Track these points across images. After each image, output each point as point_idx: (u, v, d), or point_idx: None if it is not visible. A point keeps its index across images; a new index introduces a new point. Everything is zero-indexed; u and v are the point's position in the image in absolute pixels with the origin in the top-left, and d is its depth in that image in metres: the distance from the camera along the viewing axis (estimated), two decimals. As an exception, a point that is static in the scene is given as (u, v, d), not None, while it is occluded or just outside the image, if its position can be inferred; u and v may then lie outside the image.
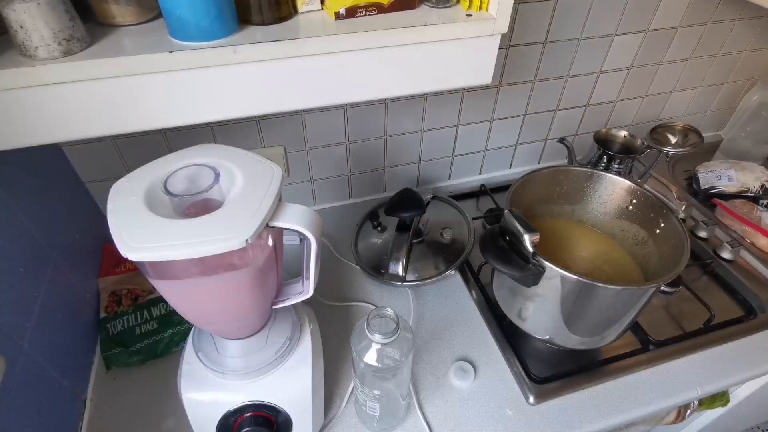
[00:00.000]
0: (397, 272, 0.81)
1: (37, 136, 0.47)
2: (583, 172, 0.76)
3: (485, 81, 0.59)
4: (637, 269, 0.72)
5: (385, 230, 0.90)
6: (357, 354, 0.55)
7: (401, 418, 0.66)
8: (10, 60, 0.43)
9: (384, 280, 0.83)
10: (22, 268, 0.58)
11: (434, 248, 0.88)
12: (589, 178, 0.75)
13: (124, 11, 0.49)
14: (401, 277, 0.81)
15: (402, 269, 0.81)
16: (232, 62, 0.47)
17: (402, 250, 0.81)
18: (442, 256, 0.86)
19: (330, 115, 0.86)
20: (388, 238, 0.87)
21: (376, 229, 0.91)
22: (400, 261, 0.81)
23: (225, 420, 0.54)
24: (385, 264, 0.83)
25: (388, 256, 0.82)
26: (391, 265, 0.81)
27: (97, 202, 0.83)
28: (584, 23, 0.88)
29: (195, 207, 0.44)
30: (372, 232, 0.91)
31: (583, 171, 0.76)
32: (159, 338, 0.72)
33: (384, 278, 0.82)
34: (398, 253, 0.81)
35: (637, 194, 0.72)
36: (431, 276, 0.84)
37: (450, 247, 0.88)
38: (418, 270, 0.84)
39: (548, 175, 0.75)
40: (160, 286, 0.45)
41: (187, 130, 0.80)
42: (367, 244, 0.90)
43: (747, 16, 0.99)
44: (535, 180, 0.74)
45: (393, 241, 0.83)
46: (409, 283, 0.83)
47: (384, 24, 0.51)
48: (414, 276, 0.83)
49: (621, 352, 0.74)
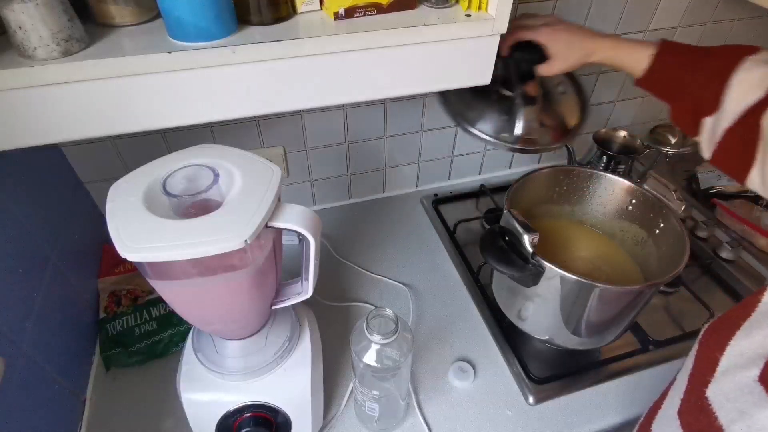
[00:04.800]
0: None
1: (36, 137, 0.47)
2: (583, 172, 0.75)
3: (485, 81, 0.59)
4: (636, 269, 0.72)
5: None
6: (356, 354, 0.55)
7: (401, 419, 0.66)
8: (8, 60, 0.43)
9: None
10: (21, 268, 0.58)
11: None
12: (588, 178, 0.75)
13: (123, 11, 0.49)
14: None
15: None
16: (231, 62, 0.47)
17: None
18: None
19: (329, 116, 0.86)
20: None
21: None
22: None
23: (224, 420, 0.54)
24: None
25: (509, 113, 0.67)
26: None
27: (97, 202, 0.83)
28: (584, 23, 0.88)
29: (194, 207, 0.43)
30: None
31: (583, 171, 0.75)
32: (158, 339, 0.72)
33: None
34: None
35: (637, 194, 0.72)
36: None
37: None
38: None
39: (548, 175, 0.75)
40: (159, 286, 0.45)
41: (187, 130, 0.80)
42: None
43: (747, 16, 0.99)
44: (534, 180, 0.74)
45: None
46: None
47: (383, 24, 0.51)
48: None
49: (621, 352, 0.74)
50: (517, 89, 0.65)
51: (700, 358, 0.44)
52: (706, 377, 0.42)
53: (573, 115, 0.71)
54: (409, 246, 0.92)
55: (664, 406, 0.50)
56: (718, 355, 0.41)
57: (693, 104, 0.54)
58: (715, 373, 0.41)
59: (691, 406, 0.44)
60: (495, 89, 0.68)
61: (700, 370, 0.44)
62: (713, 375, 0.41)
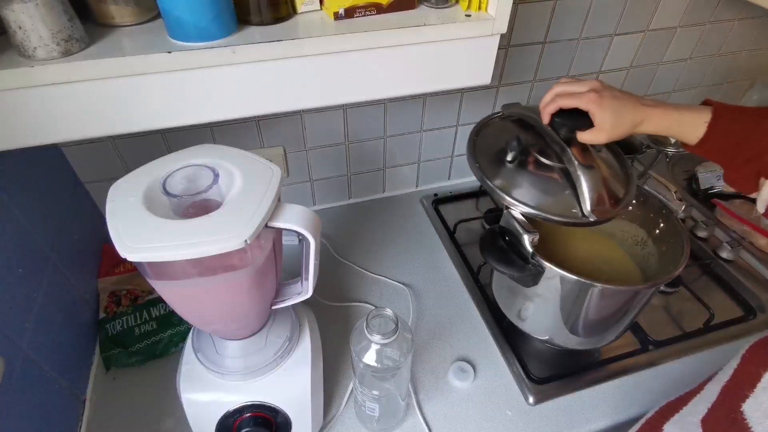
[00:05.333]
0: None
1: (36, 137, 0.47)
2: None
3: (485, 81, 0.59)
4: (636, 269, 0.72)
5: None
6: (356, 354, 0.55)
7: (400, 419, 0.66)
8: (9, 60, 0.43)
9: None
10: (21, 268, 0.58)
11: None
12: (588, 178, 0.75)
13: (123, 11, 0.49)
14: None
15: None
16: (231, 62, 0.47)
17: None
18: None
19: (329, 116, 0.86)
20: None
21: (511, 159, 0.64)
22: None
23: (224, 420, 0.54)
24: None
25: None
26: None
27: (97, 202, 0.83)
28: (584, 23, 0.88)
29: (194, 207, 0.43)
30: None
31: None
32: (158, 339, 0.72)
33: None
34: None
35: (637, 194, 0.72)
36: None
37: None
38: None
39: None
40: (159, 286, 0.45)
41: (186, 130, 0.80)
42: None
43: (747, 16, 0.99)
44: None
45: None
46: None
47: (383, 24, 0.51)
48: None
49: (620, 352, 0.74)
50: (572, 157, 0.59)
51: (740, 372, 0.44)
52: (744, 392, 0.42)
53: (618, 175, 0.65)
54: (409, 246, 0.92)
55: (684, 411, 0.50)
56: (762, 371, 0.41)
57: (754, 167, 0.53)
58: (755, 388, 0.41)
59: (721, 418, 0.44)
60: (532, 159, 0.63)
61: (738, 384, 0.44)
62: (753, 390, 0.41)
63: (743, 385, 0.43)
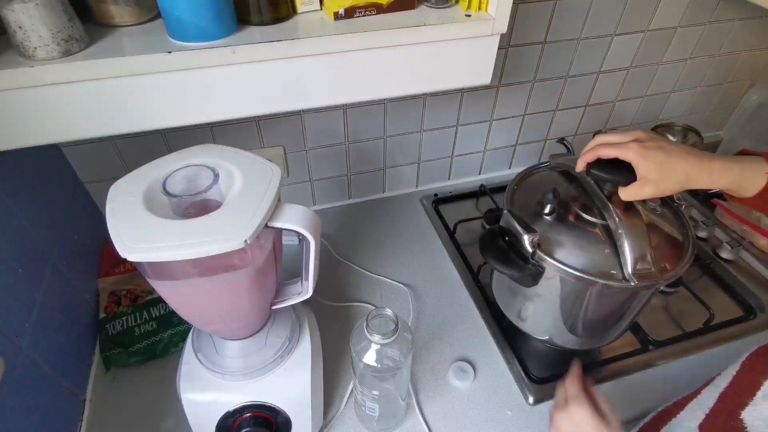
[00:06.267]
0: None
1: (36, 137, 0.47)
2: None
3: (485, 81, 0.59)
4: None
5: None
6: (356, 354, 0.55)
7: (400, 419, 0.66)
8: (9, 60, 0.43)
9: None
10: (21, 268, 0.58)
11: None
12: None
13: (123, 11, 0.49)
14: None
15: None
16: (231, 62, 0.47)
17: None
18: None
19: (329, 116, 0.86)
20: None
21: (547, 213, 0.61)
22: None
23: (224, 420, 0.54)
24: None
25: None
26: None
27: (97, 202, 0.83)
28: (584, 23, 0.88)
29: (194, 207, 0.44)
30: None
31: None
32: (158, 339, 0.72)
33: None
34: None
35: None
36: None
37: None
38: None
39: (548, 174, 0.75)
40: (159, 286, 0.45)
41: (187, 130, 0.80)
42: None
43: (747, 16, 0.99)
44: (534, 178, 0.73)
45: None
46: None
47: (383, 24, 0.51)
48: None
49: (621, 352, 0.74)
50: (613, 213, 0.55)
51: (739, 380, 0.44)
52: (743, 399, 0.42)
53: (671, 235, 0.61)
54: (409, 246, 0.92)
55: (681, 416, 0.50)
56: (762, 379, 0.41)
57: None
58: (754, 396, 0.41)
59: (719, 424, 0.44)
60: (573, 213, 0.60)
61: (737, 391, 0.44)
62: (752, 398, 0.41)
63: (742, 392, 0.43)
